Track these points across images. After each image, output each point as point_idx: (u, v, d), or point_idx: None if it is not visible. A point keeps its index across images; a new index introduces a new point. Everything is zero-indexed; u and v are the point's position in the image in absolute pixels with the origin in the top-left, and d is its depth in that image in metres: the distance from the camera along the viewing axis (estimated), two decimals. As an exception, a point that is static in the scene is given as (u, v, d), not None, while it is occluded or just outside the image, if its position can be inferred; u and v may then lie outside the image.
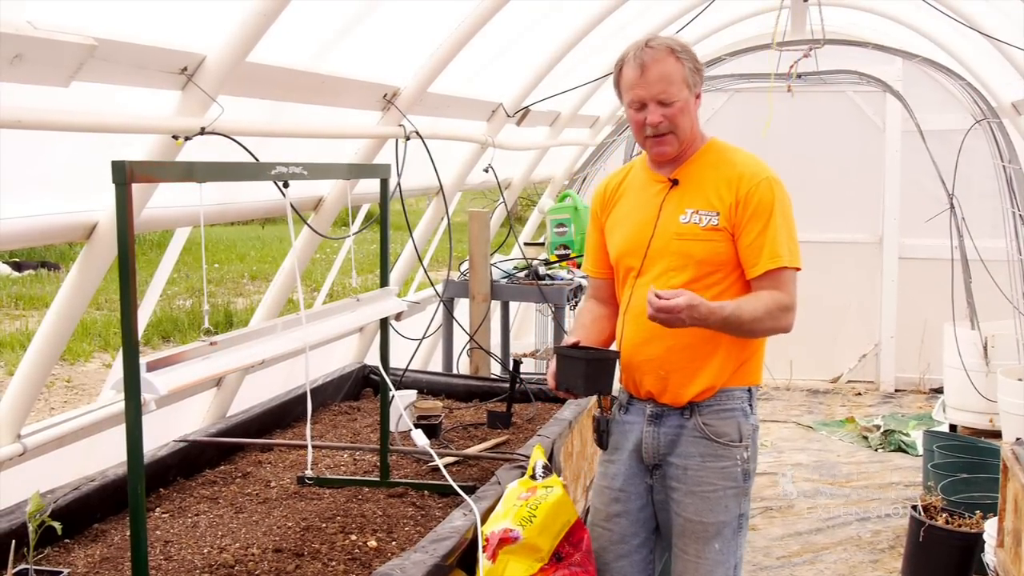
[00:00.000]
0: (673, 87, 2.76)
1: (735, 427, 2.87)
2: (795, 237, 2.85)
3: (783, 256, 2.78)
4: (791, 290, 2.80)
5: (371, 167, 3.90)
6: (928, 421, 7.74)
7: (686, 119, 2.81)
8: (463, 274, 5.42)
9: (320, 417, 4.27)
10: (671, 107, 2.77)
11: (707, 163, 2.88)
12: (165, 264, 4.21)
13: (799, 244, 2.86)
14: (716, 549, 2.85)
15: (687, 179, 2.87)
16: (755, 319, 2.73)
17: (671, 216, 2.84)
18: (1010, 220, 6.64)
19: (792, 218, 2.86)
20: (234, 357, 2.44)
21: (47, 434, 3.11)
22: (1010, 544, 4.11)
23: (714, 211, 2.80)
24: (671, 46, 2.78)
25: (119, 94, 2.85)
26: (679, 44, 2.80)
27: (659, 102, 2.77)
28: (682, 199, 2.85)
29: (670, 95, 2.76)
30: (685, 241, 2.81)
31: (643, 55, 2.77)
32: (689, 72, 2.79)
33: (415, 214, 6.00)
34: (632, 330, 2.91)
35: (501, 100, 5.39)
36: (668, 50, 2.77)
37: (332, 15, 3.63)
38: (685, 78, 2.78)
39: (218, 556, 2.77)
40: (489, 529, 2.76)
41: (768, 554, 5.38)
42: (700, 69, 2.84)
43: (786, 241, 2.80)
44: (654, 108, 2.77)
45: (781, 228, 2.80)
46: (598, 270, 3.10)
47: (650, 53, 2.76)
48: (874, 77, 7.31)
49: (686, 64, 2.79)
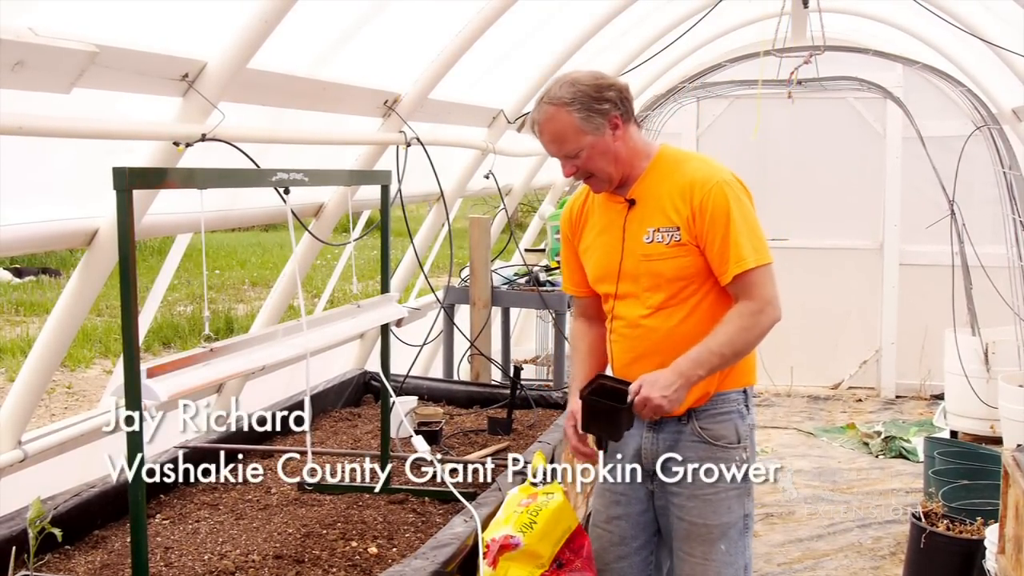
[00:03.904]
0: (568, 143, 2.75)
1: (732, 429, 2.88)
2: (759, 233, 2.79)
3: (748, 258, 2.74)
4: (764, 288, 2.76)
5: (372, 173, 3.90)
6: (929, 427, 7.73)
7: (600, 160, 2.78)
8: (464, 280, 5.42)
9: (321, 423, 4.27)
10: (578, 158, 2.77)
11: (659, 176, 2.85)
12: (166, 270, 4.21)
13: (764, 240, 2.80)
14: (723, 550, 2.87)
15: (643, 196, 2.85)
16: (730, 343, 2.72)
17: (635, 237, 2.84)
18: (1011, 226, 6.64)
19: (752, 214, 2.81)
20: (235, 363, 2.44)
21: (48, 440, 3.11)
22: (1011, 551, 4.10)
23: (674, 226, 2.79)
24: (559, 100, 2.73)
25: (120, 101, 2.85)
26: (568, 93, 2.73)
27: (565, 156, 2.78)
28: (643, 218, 2.84)
29: (569, 150, 2.76)
30: (653, 262, 2.81)
31: (536, 114, 2.78)
32: (582, 119, 2.73)
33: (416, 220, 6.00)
34: (620, 350, 2.93)
35: (502, 106, 5.39)
36: (555, 107, 2.74)
37: (333, 22, 3.64)
38: (579, 127, 2.73)
39: (219, 563, 2.77)
40: (490, 535, 2.76)
41: (769, 560, 5.37)
42: (600, 106, 2.74)
43: (748, 240, 2.75)
44: (564, 161, 2.80)
45: (742, 229, 2.75)
46: (580, 289, 3.09)
47: (541, 111, 2.77)
48: (875, 83, 7.32)
49: (576, 113, 2.73)
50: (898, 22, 7.16)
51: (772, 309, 2.76)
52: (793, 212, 8.98)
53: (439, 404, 4.59)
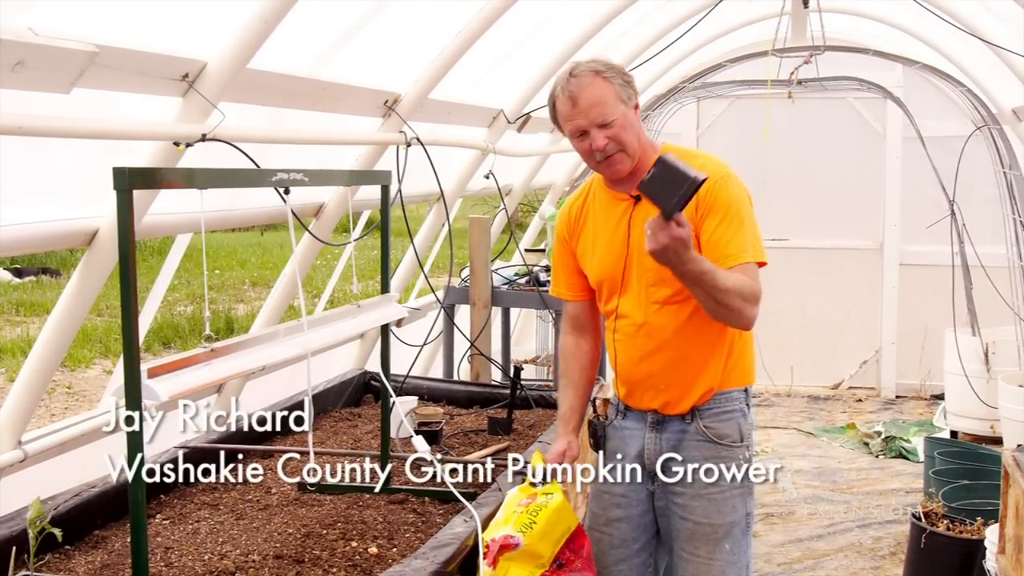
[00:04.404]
0: (608, 107, 2.74)
1: (736, 428, 2.88)
2: (757, 233, 2.79)
3: (747, 251, 2.73)
4: (756, 283, 2.73)
5: (372, 173, 3.90)
6: (929, 427, 7.74)
7: (630, 133, 2.78)
8: (464, 280, 5.42)
9: (321, 424, 4.27)
10: (612, 127, 2.75)
11: None
12: (166, 270, 4.21)
13: (762, 241, 2.79)
14: (727, 550, 2.87)
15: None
16: (726, 289, 2.62)
17: (642, 234, 2.81)
18: (1011, 226, 6.64)
19: (752, 215, 2.81)
20: (235, 363, 2.44)
21: (48, 440, 3.11)
22: (1011, 551, 4.10)
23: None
24: (595, 68, 2.76)
25: (120, 101, 2.85)
26: (602, 64, 2.78)
27: (599, 125, 2.75)
28: (648, 214, 2.82)
29: (607, 116, 2.75)
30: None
31: (570, 86, 2.76)
32: (619, 87, 2.76)
33: (416, 220, 6.00)
34: (625, 350, 2.91)
35: (502, 106, 5.39)
36: (593, 73, 2.75)
37: (333, 22, 3.64)
38: (617, 94, 2.75)
39: (219, 563, 2.77)
40: (490, 536, 2.76)
41: (769, 560, 5.37)
42: (630, 81, 2.81)
43: (749, 235, 2.75)
44: (596, 132, 2.76)
45: (745, 223, 2.75)
46: (575, 293, 3.07)
47: (576, 82, 2.75)
48: (875, 83, 7.32)
49: (614, 81, 2.75)
50: (898, 22, 7.16)
51: (755, 307, 2.70)
52: (793, 212, 8.98)
53: (439, 404, 4.59)
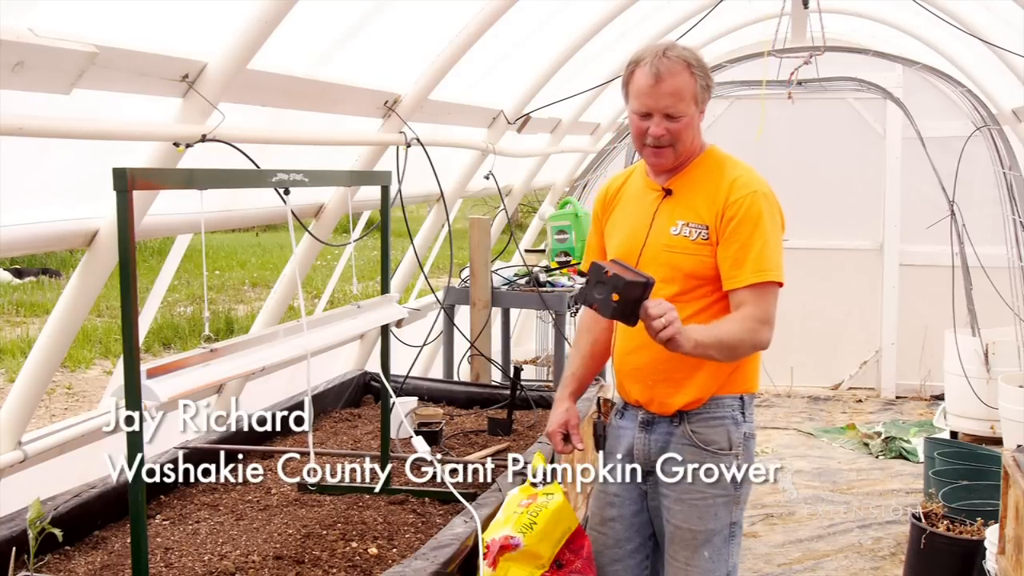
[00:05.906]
0: (682, 103, 2.73)
1: (724, 435, 2.83)
2: (780, 253, 2.78)
3: (770, 270, 2.72)
4: (771, 305, 2.74)
5: (372, 174, 3.90)
6: (929, 428, 7.73)
7: (688, 134, 2.78)
8: (464, 281, 5.42)
9: (321, 424, 4.27)
10: (677, 122, 2.74)
11: (702, 173, 2.85)
12: (166, 271, 4.21)
13: (783, 262, 2.78)
14: (706, 557, 2.83)
15: (680, 189, 2.84)
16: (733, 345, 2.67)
17: (662, 227, 2.82)
18: (1011, 226, 6.64)
19: (779, 235, 2.80)
20: (235, 364, 2.44)
21: (48, 441, 3.11)
22: (1011, 551, 4.10)
23: (703, 224, 2.77)
24: (688, 60, 2.74)
25: (120, 101, 2.85)
26: (696, 59, 2.76)
27: (666, 115, 2.73)
28: (674, 210, 2.83)
29: (678, 110, 2.73)
30: (674, 253, 2.79)
31: (659, 64, 2.71)
32: (700, 89, 2.76)
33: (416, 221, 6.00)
34: (622, 337, 2.92)
35: (502, 107, 5.39)
36: (684, 64, 2.73)
37: (333, 22, 3.64)
38: (695, 94, 2.75)
39: (219, 563, 2.77)
40: (490, 536, 2.76)
41: (769, 561, 5.37)
42: (711, 86, 2.80)
43: (773, 255, 2.74)
44: (659, 120, 2.74)
45: (768, 241, 2.74)
46: None
47: (666, 64, 2.71)
48: (874, 84, 7.31)
49: (699, 81, 2.75)
50: (898, 22, 7.16)
51: (770, 329, 2.73)
52: (793, 213, 8.81)
53: (439, 405, 4.59)
